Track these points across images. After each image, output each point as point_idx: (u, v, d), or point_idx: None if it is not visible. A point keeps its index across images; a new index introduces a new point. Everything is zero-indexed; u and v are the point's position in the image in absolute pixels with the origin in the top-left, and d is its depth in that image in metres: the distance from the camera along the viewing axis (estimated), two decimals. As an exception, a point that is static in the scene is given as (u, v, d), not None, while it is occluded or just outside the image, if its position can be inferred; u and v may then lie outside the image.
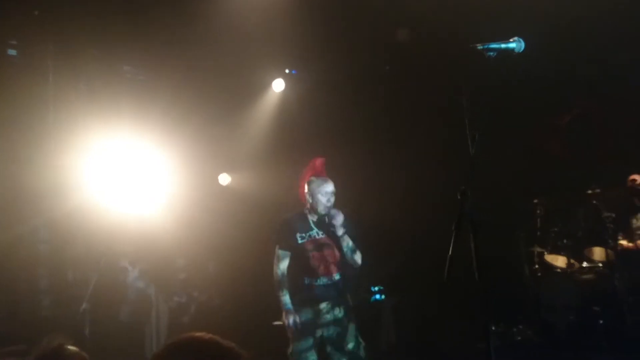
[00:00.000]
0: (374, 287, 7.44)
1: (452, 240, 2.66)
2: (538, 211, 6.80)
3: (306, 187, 4.79)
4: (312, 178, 4.81)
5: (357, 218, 6.76)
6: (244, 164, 8.26)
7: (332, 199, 4.74)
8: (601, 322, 5.80)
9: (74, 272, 6.53)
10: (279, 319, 5.33)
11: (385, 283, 7.38)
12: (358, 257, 4.79)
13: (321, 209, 4.72)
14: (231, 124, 7.95)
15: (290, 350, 4.66)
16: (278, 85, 8.01)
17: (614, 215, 6.22)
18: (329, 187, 4.75)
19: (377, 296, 7.43)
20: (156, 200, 7.23)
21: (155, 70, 7.23)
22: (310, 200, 4.73)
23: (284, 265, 4.69)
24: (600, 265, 6.34)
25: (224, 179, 8.42)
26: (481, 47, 2.86)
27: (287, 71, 8.11)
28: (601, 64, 6.74)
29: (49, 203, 6.20)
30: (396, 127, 7.67)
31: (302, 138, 7.96)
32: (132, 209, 6.93)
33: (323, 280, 4.68)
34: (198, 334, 1.59)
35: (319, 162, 4.91)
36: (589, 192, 6.37)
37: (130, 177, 6.97)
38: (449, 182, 2.89)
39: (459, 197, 2.69)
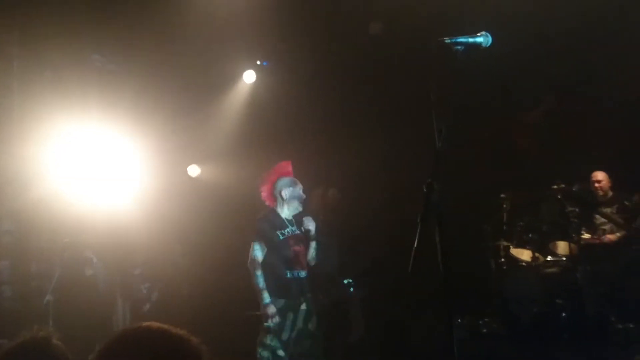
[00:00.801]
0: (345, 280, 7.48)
1: (418, 233, 2.68)
2: (505, 205, 6.89)
3: (277, 187, 5.09)
4: (283, 178, 5.13)
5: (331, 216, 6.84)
6: (214, 155, 8.21)
7: (304, 196, 5.12)
8: (564, 314, 5.92)
9: (37, 264, 6.42)
10: (249, 309, 5.49)
11: (354, 276, 7.41)
12: (315, 259, 5.17)
13: (295, 207, 5.07)
14: (201, 115, 7.90)
15: (266, 340, 4.80)
16: (249, 76, 7.96)
17: (577, 210, 6.34)
18: (300, 186, 5.12)
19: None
20: (124, 191, 7.15)
21: (126, 60, 7.13)
22: (285, 199, 5.05)
23: (260, 258, 4.89)
24: (564, 258, 6.45)
25: (194, 170, 8.36)
26: (449, 41, 2.88)
27: (258, 62, 8.06)
28: (569, 61, 6.84)
29: (13, 192, 6.08)
30: (365, 120, 7.69)
31: (273, 130, 7.94)
32: (99, 199, 6.84)
33: (302, 274, 5.00)
34: (147, 323, 1.57)
35: (286, 164, 5.23)
36: (554, 187, 6.48)
37: (98, 167, 6.88)
38: (419, 175, 2.91)
39: (424, 189, 2.71)
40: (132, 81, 7.07)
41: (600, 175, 6.72)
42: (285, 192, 5.04)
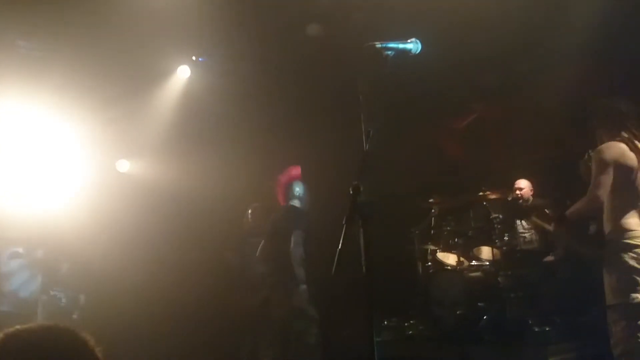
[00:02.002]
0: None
1: (342, 235, 2.70)
2: (433, 210, 7.04)
3: (294, 189, 5.99)
4: (296, 182, 6.05)
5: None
6: (145, 151, 8.03)
7: None
8: (485, 317, 6.10)
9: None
10: (182, 309, 5.94)
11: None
12: None
13: (305, 207, 5.90)
14: (133, 109, 7.69)
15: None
16: (183, 72, 7.83)
17: (501, 216, 6.55)
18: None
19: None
20: (50, 185, 6.91)
21: (53, 47, 6.84)
22: (303, 201, 5.99)
23: None
24: (487, 263, 6.65)
25: (123, 165, 8.15)
26: (379, 46, 2.93)
27: (193, 58, 7.92)
28: (497, 69, 7.06)
29: None
30: (296, 121, 7.70)
31: (206, 127, 7.83)
32: (22, 193, 6.57)
33: None
34: (33, 324, 1.51)
35: (296, 168, 6.14)
36: (480, 194, 6.68)
37: (21, 158, 6.62)
38: (347, 177, 2.93)
39: (350, 191, 2.74)
40: (60, 70, 6.80)
41: (522, 183, 6.97)
42: (298, 194, 5.98)
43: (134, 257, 7.28)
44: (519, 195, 6.92)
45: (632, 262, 3.94)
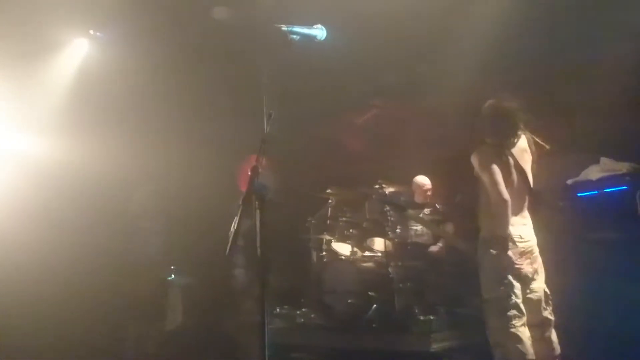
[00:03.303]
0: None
1: (238, 216, 2.69)
2: (330, 201, 7.15)
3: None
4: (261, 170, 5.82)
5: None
6: (38, 128, 7.56)
7: None
8: (375, 305, 6.28)
9: None
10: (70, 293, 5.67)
11: (175, 261, 7.26)
12: None
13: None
14: (23, 83, 7.22)
15: None
16: (80, 45, 7.45)
17: (394, 209, 6.75)
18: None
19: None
20: None
21: None
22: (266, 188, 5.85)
23: None
24: (380, 254, 6.83)
25: (12, 142, 7.62)
26: (285, 29, 2.93)
27: (91, 32, 7.55)
28: (401, 69, 7.26)
29: None
30: (199, 103, 7.56)
31: (104, 105, 7.49)
32: None
33: None
34: None
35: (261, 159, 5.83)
36: (376, 186, 6.85)
37: None
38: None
39: (249, 172, 2.74)
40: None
41: (426, 180, 7.18)
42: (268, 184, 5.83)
43: (24, 237, 6.87)
44: (426, 194, 7.14)
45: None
